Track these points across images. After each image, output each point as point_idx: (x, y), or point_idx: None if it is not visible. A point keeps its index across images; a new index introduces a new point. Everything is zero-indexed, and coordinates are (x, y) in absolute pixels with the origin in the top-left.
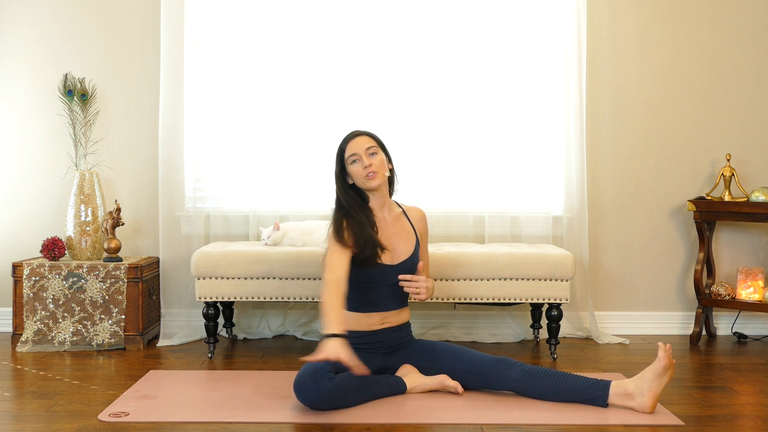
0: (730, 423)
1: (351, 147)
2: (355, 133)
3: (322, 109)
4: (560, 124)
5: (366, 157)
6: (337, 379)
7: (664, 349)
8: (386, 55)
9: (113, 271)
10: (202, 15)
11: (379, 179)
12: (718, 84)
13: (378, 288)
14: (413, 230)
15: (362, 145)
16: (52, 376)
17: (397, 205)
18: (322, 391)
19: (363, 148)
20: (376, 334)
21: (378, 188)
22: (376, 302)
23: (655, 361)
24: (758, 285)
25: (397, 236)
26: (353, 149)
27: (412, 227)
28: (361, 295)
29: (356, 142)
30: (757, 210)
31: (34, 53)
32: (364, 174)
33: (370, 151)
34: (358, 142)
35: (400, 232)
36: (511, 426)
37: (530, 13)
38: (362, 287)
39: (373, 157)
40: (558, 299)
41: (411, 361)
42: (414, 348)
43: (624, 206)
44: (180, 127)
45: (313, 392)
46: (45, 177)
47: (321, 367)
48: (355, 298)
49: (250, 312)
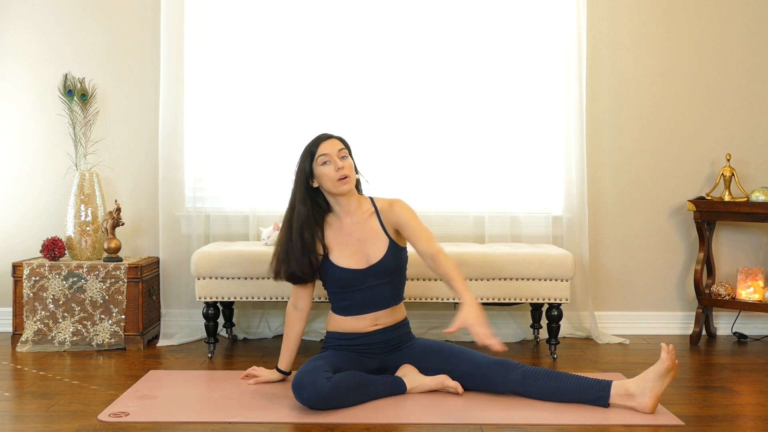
0: (730, 423)
1: (323, 147)
2: (326, 135)
3: (322, 109)
4: (560, 124)
5: (338, 160)
6: (334, 379)
7: (668, 350)
8: (386, 54)
9: (113, 271)
10: (202, 15)
11: (350, 184)
12: (718, 84)
13: (358, 292)
14: (383, 230)
15: (334, 147)
16: (52, 376)
17: (371, 203)
18: (320, 391)
19: (335, 150)
20: (371, 335)
21: (347, 194)
22: (362, 305)
23: (658, 362)
24: (758, 285)
25: (364, 240)
26: (325, 150)
27: (382, 227)
28: (346, 299)
29: (329, 144)
30: (757, 210)
31: (34, 53)
32: (337, 177)
33: (341, 154)
34: (331, 144)
35: (368, 235)
36: (511, 426)
37: (530, 13)
38: (344, 291)
39: (344, 160)
40: (558, 299)
41: (411, 362)
42: (414, 347)
43: (624, 206)
44: (180, 127)
45: (310, 391)
46: (45, 177)
47: (318, 366)
48: (341, 302)
49: (250, 312)
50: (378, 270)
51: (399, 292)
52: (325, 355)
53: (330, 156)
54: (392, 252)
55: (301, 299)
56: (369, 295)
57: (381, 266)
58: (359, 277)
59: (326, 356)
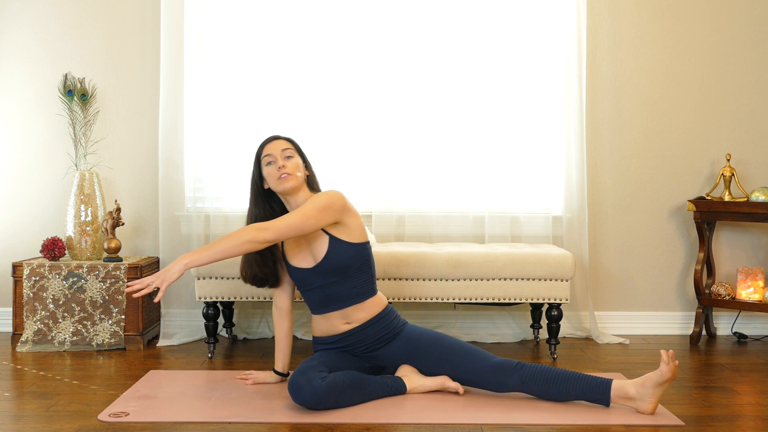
0: (730, 423)
1: (267, 149)
2: (272, 137)
3: (322, 109)
4: (560, 124)
5: (281, 159)
6: (330, 378)
7: (668, 362)
8: (386, 54)
9: (113, 271)
10: (202, 15)
11: (292, 181)
12: (718, 84)
13: (312, 291)
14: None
15: (278, 147)
16: (52, 376)
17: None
18: (316, 390)
19: (278, 150)
20: (349, 336)
21: (292, 192)
22: (320, 304)
23: (658, 372)
24: (758, 285)
25: (309, 238)
26: (269, 150)
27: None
28: (307, 299)
29: (273, 145)
30: (757, 210)
31: (34, 53)
32: (277, 175)
33: (285, 153)
34: (275, 144)
35: (315, 234)
36: (512, 426)
37: (530, 13)
38: (303, 292)
39: (288, 159)
40: (558, 299)
41: (407, 359)
42: (409, 344)
43: (624, 206)
44: (180, 127)
45: (306, 392)
46: (45, 177)
47: (313, 366)
48: (307, 302)
49: (250, 312)
50: (323, 269)
51: (360, 290)
52: (318, 355)
53: (273, 156)
54: (335, 249)
55: (278, 298)
56: (324, 294)
57: (326, 265)
58: (309, 277)
59: (319, 356)
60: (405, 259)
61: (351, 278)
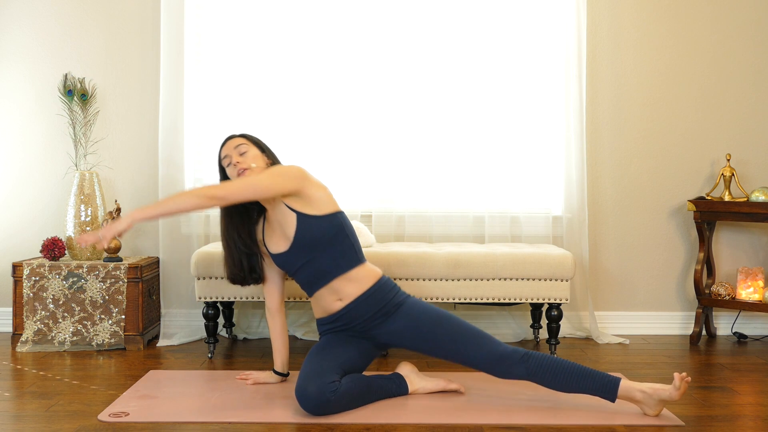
0: (730, 423)
1: (223, 151)
2: (226, 138)
3: (322, 109)
4: (560, 124)
5: (236, 156)
6: (340, 392)
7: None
8: (386, 54)
9: (113, 271)
10: (202, 15)
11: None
12: (718, 84)
13: (298, 273)
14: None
15: (231, 146)
16: (52, 376)
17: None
18: (326, 404)
19: (232, 148)
20: (345, 313)
21: None
22: (310, 283)
23: (668, 391)
24: (758, 285)
25: (281, 222)
26: (225, 152)
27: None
28: (298, 282)
29: (227, 146)
30: (757, 210)
31: (34, 53)
32: (236, 173)
33: (239, 150)
34: (228, 144)
35: (282, 215)
36: (512, 426)
37: (530, 13)
38: (292, 276)
39: (243, 155)
40: (558, 299)
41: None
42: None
43: (624, 206)
44: (180, 127)
45: (314, 402)
46: (45, 177)
47: (324, 370)
48: (300, 285)
49: (250, 312)
50: (298, 247)
51: (343, 261)
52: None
53: (229, 156)
54: (304, 224)
55: (266, 298)
56: (308, 273)
57: (299, 242)
58: (289, 259)
59: (329, 350)
60: (405, 259)
61: (329, 250)
